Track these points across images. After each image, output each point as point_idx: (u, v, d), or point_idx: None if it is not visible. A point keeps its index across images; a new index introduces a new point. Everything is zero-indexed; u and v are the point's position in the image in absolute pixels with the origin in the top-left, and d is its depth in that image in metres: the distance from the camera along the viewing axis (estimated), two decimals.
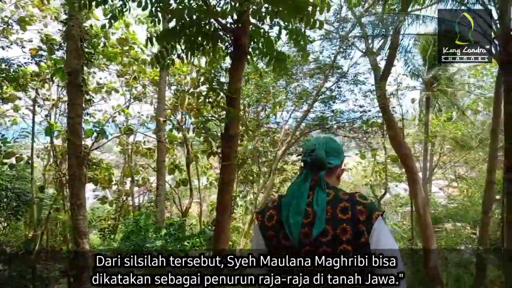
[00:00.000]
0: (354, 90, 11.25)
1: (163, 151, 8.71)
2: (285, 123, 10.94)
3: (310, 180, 1.55)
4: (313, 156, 1.57)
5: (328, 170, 1.59)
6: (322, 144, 1.61)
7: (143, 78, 11.36)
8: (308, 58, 9.64)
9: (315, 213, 1.46)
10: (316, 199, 1.50)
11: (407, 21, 8.41)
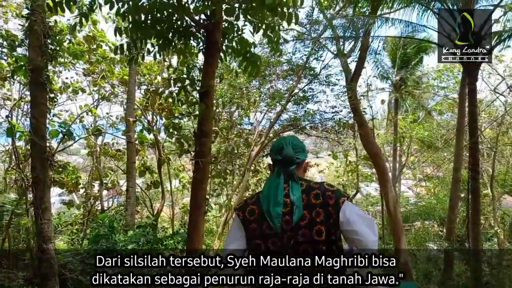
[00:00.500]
0: (326, 91, 11.41)
1: (133, 153, 8.44)
2: (258, 124, 10.93)
3: (283, 175, 1.74)
4: (283, 154, 1.77)
5: (297, 164, 1.79)
6: (289, 143, 1.82)
7: (112, 78, 11.01)
8: (282, 57, 9.68)
9: (293, 202, 1.66)
10: (291, 190, 1.70)
11: (377, 23, 8.62)
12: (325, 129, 10.99)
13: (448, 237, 9.99)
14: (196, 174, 3.39)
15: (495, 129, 14.09)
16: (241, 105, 10.34)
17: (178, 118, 6.95)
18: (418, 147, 18.63)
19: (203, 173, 3.39)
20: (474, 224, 8.12)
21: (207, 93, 3.39)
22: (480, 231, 8.37)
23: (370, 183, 20.16)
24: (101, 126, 10.99)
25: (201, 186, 3.39)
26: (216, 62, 3.53)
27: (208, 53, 3.49)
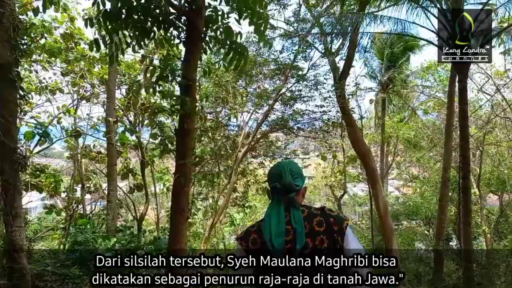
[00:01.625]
0: (314, 91, 11.18)
1: (114, 155, 8.04)
2: (245, 125, 10.64)
3: (283, 202, 1.73)
4: (282, 182, 1.76)
5: (296, 191, 1.77)
6: (287, 169, 1.79)
7: (91, 78, 10.56)
8: (270, 49, 9.42)
9: (295, 230, 1.65)
10: (293, 218, 1.69)
11: (365, 21, 8.44)
12: (314, 129, 10.76)
13: (438, 237, 9.87)
14: (178, 176, 3.07)
15: (480, 129, 14.14)
16: (227, 105, 10.03)
17: (156, 113, 6.53)
18: (404, 147, 18.66)
19: (186, 175, 3.08)
20: (465, 223, 7.99)
21: (190, 86, 3.08)
22: (471, 230, 8.26)
23: (357, 183, 20.12)
24: (80, 128, 10.51)
25: (184, 190, 3.07)
26: (198, 52, 3.22)
27: (190, 43, 3.18)
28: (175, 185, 3.12)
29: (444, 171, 9.84)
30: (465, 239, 8.06)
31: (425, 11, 8.12)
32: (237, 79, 10.26)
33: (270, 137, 11.67)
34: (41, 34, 8.35)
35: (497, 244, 15.02)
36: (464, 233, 8.06)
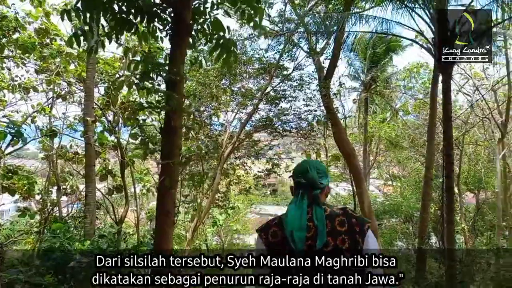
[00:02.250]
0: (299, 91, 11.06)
1: (92, 155, 7.68)
2: (229, 124, 10.44)
3: (307, 198, 1.74)
4: (307, 177, 1.77)
5: (321, 189, 1.78)
6: (313, 167, 1.81)
7: (68, 76, 10.11)
8: (260, 38, 9.25)
9: (317, 227, 1.66)
10: (315, 215, 1.69)
11: (351, 20, 8.40)
12: (299, 128, 10.66)
13: (421, 236, 9.94)
14: (163, 178, 2.86)
15: (459, 128, 14.40)
16: (211, 104, 9.81)
17: (136, 112, 6.21)
18: (385, 147, 18.88)
19: (171, 175, 2.87)
20: (448, 222, 8.06)
21: (176, 82, 2.87)
22: (454, 229, 8.34)
23: (339, 182, 20.23)
24: (56, 127, 10.06)
25: (170, 192, 2.87)
26: (185, 46, 3.01)
27: (177, 36, 2.97)
28: (160, 187, 2.91)
29: (427, 170, 9.91)
30: (448, 238, 8.13)
31: (409, 11, 8.15)
32: (221, 78, 10.05)
33: (254, 137, 11.51)
34: (13, 28, 7.90)
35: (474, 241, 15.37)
36: (447, 232, 8.12)
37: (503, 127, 11.97)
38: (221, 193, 10.08)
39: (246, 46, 10.45)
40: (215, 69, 9.69)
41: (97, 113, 9.88)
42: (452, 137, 7.99)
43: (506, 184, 13.32)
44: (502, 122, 12.09)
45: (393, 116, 17.79)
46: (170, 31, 3.12)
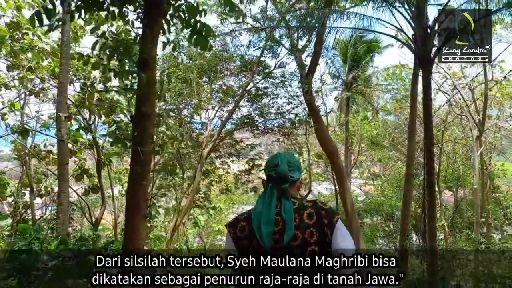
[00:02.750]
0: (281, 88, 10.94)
1: (65, 153, 7.33)
2: (210, 122, 10.21)
3: (276, 192, 1.71)
4: (278, 171, 1.74)
5: (291, 183, 1.75)
6: (284, 160, 1.78)
7: (41, 72, 9.69)
8: (244, 21, 9.07)
9: (285, 221, 1.62)
10: (283, 208, 1.66)
11: (332, 17, 8.34)
12: (281, 127, 10.54)
13: (403, 233, 9.97)
14: (134, 167, 2.64)
15: (438, 127, 14.61)
16: (191, 101, 9.57)
17: (107, 91, 5.83)
18: (366, 146, 19.02)
19: (143, 165, 2.66)
20: (430, 219, 8.07)
21: (148, 64, 2.67)
22: (435, 226, 8.37)
23: (322, 181, 20.25)
24: (28, 125, 9.62)
25: (141, 182, 2.66)
26: (158, 27, 2.81)
27: (149, 17, 2.77)
28: (131, 177, 2.69)
29: (408, 167, 9.96)
30: (430, 234, 8.15)
31: (390, 8, 8.15)
32: (202, 75, 9.83)
33: (236, 135, 11.33)
34: None
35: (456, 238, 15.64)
36: (429, 228, 8.14)
37: (480, 124, 12.19)
38: (201, 193, 9.83)
39: (227, 42, 10.28)
40: (196, 66, 9.47)
41: (72, 111, 9.50)
42: (432, 134, 8.04)
43: (484, 181, 13.58)
44: (479, 120, 12.32)
45: (374, 115, 17.94)
46: (141, 13, 2.91)
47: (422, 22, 7.48)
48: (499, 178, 16.66)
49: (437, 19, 7.72)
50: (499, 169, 16.06)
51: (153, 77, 2.68)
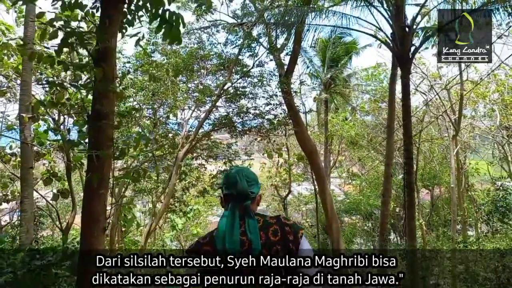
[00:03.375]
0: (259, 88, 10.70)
1: (29, 156, 6.84)
2: (186, 122, 9.85)
3: (238, 211, 1.66)
4: (238, 188, 1.69)
5: (252, 199, 1.70)
6: (242, 176, 1.72)
7: (6, 69, 9.10)
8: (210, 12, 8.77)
9: (250, 241, 1.60)
10: (248, 227, 1.62)
11: (310, 15, 8.20)
12: (261, 127, 10.30)
13: (382, 233, 9.94)
14: (90, 174, 2.33)
15: (415, 127, 14.75)
16: (165, 100, 9.20)
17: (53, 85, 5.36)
18: (346, 146, 19.09)
19: (101, 173, 2.35)
20: (409, 218, 8.03)
21: (105, 56, 2.37)
22: (415, 225, 8.34)
23: (301, 182, 20.20)
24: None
25: (98, 192, 2.35)
26: (118, 14, 2.50)
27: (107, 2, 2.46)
28: (86, 186, 2.37)
29: (387, 166, 9.92)
30: (410, 234, 8.11)
31: (368, 6, 8.06)
32: (177, 74, 9.48)
33: (213, 136, 11.02)
34: None
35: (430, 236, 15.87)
36: (408, 228, 8.09)
37: (456, 124, 12.35)
38: (177, 197, 9.47)
39: (204, 40, 9.97)
40: (170, 64, 9.12)
41: (40, 111, 8.97)
42: (411, 133, 8.01)
43: (459, 179, 13.79)
44: (455, 120, 12.48)
45: (352, 115, 18.01)
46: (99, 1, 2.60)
47: (400, 21, 7.42)
48: (473, 177, 17.04)
49: (416, 17, 7.70)
50: (473, 167, 16.41)
51: (111, 71, 2.39)
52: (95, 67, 2.30)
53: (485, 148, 18.61)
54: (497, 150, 16.36)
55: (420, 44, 8.03)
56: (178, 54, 9.43)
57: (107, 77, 2.29)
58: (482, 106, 14.48)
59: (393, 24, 7.51)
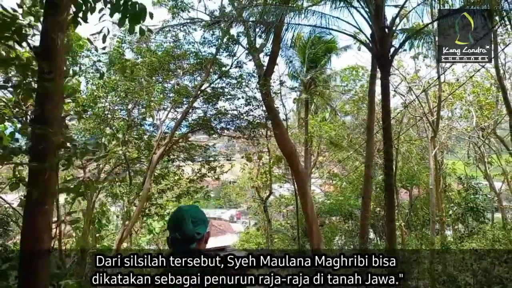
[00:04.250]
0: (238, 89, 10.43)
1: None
2: (161, 124, 9.50)
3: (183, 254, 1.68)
4: (183, 232, 1.66)
5: (197, 241, 1.70)
6: (188, 217, 1.69)
7: None
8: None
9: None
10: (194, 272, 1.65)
11: (289, 15, 8.04)
12: (239, 129, 10.06)
13: (362, 235, 9.87)
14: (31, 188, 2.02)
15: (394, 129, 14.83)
16: (141, 101, 8.83)
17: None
18: (326, 146, 19.07)
19: (44, 187, 2.05)
20: (389, 220, 7.96)
21: (49, 53, 2.08)
22: (395, 227, 8.28)
23: (283, 184, 20.07)
24: None
25: (41, 209, 2.04)
26: (65, 7, 2.20)
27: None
28: (27, 201, 2.06)
29: (367, 168, 9.87)
30: (389, 236, 8.04)
31: (348, 7, 7.96)
32: (152, 73, 9.12)
33: (192, 137, 10.69)
34: None
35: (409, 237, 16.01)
36: (388, 229, 8.02)
37: (434, 125, 12.45)
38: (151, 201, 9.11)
39: (180, 39, 9.64)
40: (145, 63, 8.76)
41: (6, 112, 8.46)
42: (391, 134, 7.95)
43: (437, 180, 13.93)
44: (433, 121, 12.58)
45: (332, 116, 18.00)
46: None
47: (380, 21, 7.34)
48: (450, 177, 17.30)
49: (395, 18, 7.64)
50: (451, 168, 16.66)
51: (58, 70, 2.09)
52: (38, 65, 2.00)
53: (461, 148, 18.98)
54: (472, 151, 16.67)
55: (400, 45, 7.99)
56: (153, 52, 9.08)
57: (51, 77, 2.01)
58: (459, 107, 14.70)
59: (372, 25, 7.43)
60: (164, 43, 9.73)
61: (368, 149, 9.84)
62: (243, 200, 25.86)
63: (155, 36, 9.35)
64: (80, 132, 9.05)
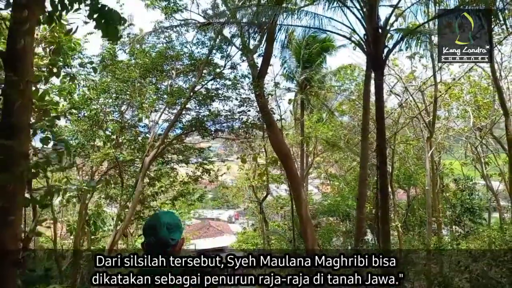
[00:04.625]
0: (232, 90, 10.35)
1: None
2: (154, 125, 9.42)
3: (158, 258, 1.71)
4: (158, 236, 1.70)
5: (172, 247, 1.72)
6: (163, 224, 1.71)
7: None
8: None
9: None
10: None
11: (283, 16, 7.96)
12: (233, 131, 9.99)
13: (358, 237, 9.81)
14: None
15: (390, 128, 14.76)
16: (133, 103, 8.75)
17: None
18: (323, 147, 19.00)
19: (9, 198, 1.97)
20: (384, 222, 7.89)
21: (16, 57, 2.00)
22: (389, 229, 8.21)
23: (280, 184, 20.00)
24: None
25: (6, 219, 1.96)
26: (36, 9, 2.13)
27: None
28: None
29: (362, 169, 9.81)
30: (384, 237, 7.96)
31: (341, 7, 7.89)
32: (145, 75, 9.04)
33: (186, 139, 10.61)
34: None
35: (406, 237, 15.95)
36: (383, 232, 7.95)
37: (431, 126, 12.38)
38: (145, 203, 9.04)
39: (173, 40, 9.56)
40: (137, 65, 8.69)
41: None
42: (385, 135, 7.88)
43: (434, 180, 13.87)
44: (430, 121, 12.51)
45: (329, 117, 17.92)
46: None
47: (373, 22, 7.27)
48: (447, 177, 17.23)
49: (389, 18, 7.57)
50: (448, 168, 16.59)
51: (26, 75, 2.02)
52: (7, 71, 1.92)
53: (458, 148, 18.92)
54: (470, 151, 16.60)
55: (394, 45, 7.91)
56: (146, 53, 9.01)
57: (17, 83, 1.94)
58: (456, 107, 14.63)
59: (366, 25, 7.36)
60: (158, 44, 9.66)
61: (363, 150, 9.79)
62: (241, 201, 25.79)
63: (148, 37, 9.28)
64: (73, 134, 8.98)
